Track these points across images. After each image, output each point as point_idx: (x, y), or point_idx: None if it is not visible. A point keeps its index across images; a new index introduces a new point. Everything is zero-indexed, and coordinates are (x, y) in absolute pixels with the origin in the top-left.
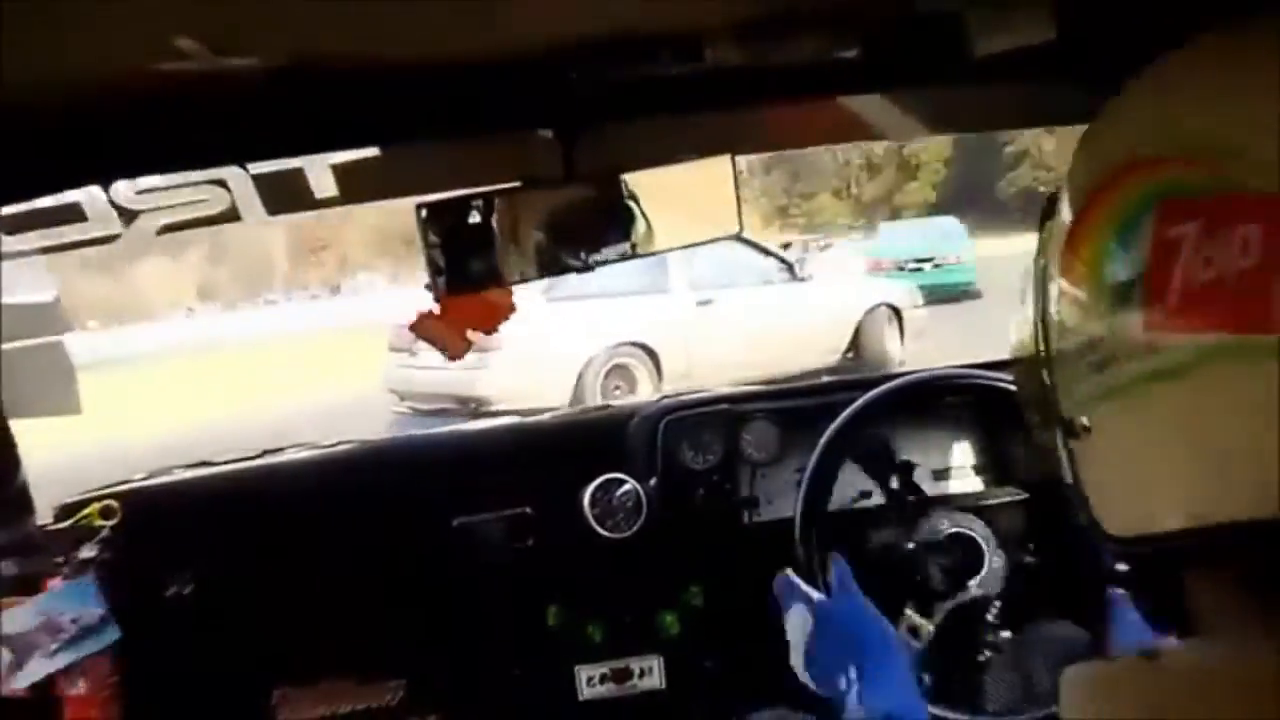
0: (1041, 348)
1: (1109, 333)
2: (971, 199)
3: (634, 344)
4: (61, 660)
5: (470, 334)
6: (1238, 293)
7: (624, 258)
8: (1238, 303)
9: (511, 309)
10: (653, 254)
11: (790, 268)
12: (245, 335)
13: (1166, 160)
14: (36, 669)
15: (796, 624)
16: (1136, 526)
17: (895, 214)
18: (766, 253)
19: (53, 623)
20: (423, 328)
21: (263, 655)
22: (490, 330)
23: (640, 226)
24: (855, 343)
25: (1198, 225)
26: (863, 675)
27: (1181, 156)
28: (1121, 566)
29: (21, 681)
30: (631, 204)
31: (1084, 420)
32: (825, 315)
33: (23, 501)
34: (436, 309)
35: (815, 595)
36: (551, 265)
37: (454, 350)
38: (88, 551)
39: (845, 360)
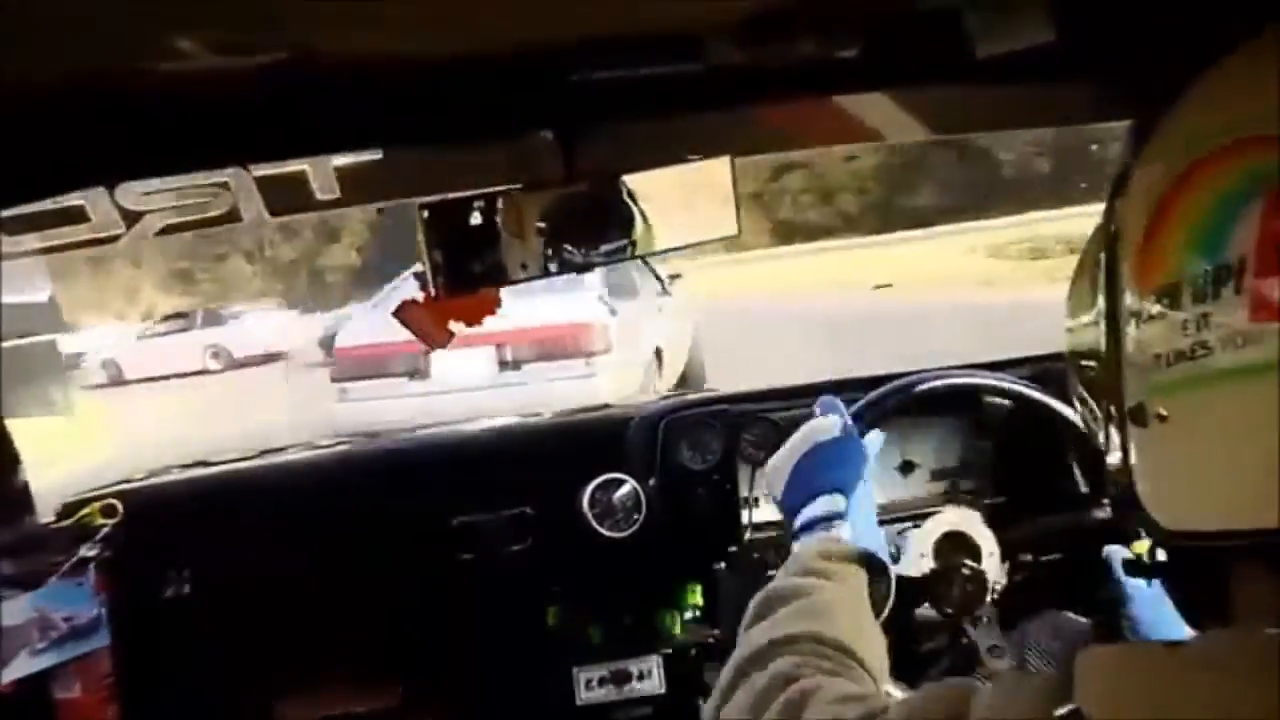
0: (1111, 334)
1: (1200, 320)
2: (402, 266)
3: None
4: (46, 660)
5: (453, 324)
6: None
7: (625, 257)
8: None
9: (497, 303)
10: (652, 254)
11: (663, 284)
12: None
13: (1270, 141)
14: (22, 666)
15: (818, 429)
16: (1199, 520)
17: (317, 277)
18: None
19: (46, 619)
20: (408, 314)
21: (262, 655)
22: (474, 323)
23: (639, 226)
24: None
25: None
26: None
27: None
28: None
29: (4, 677)
30: (630, 204)
31: (1160, 409)
32: (680, 332)
33: (23, 500)
34: (420, 297)
35: (848, 422)
36: (552, 265)
37: (436, 340)
38: (88, 550)
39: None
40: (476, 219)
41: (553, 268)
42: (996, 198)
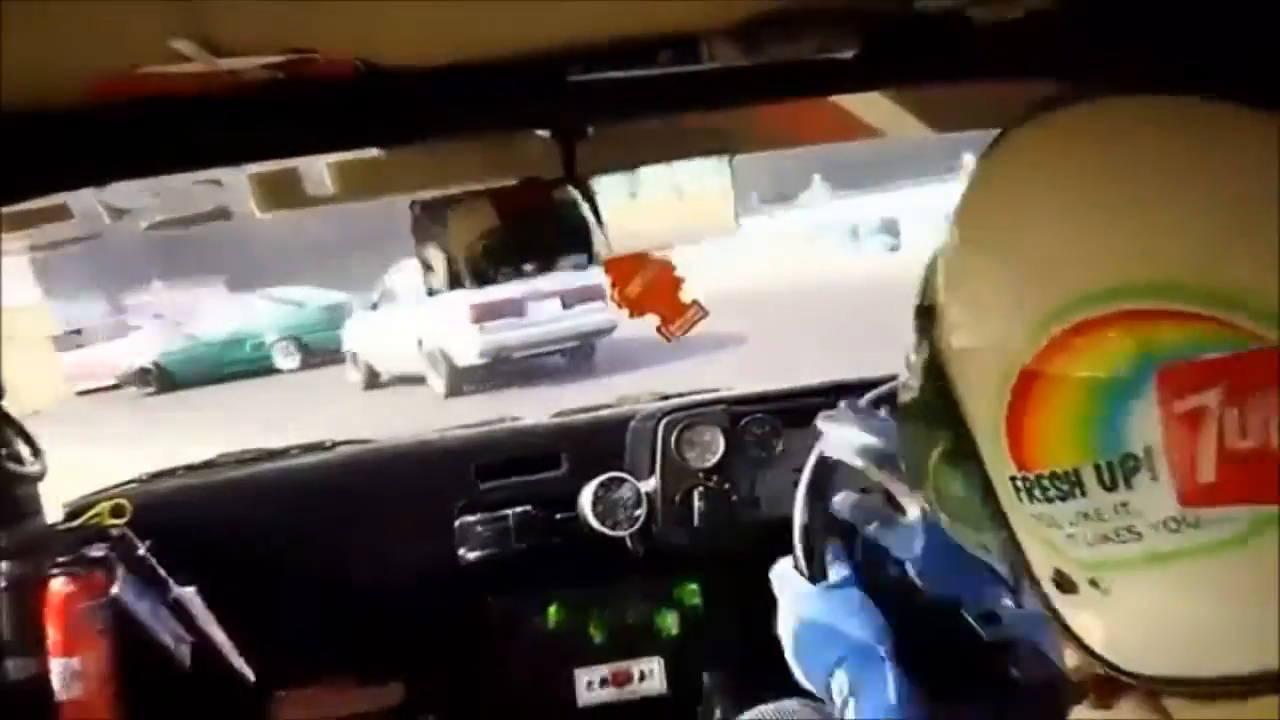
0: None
1: (1119, 506)
2: None
3: None
4: None
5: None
6: None
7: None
8: None
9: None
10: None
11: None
12: None
13: (1141, 315)
14: None
15: (786, 616)
16: (1153, 669)
17: None
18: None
19: None
20: (641, 302)
21: (263, 655)
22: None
23: (638, 225)
24: None
25: (1218, 392)
26: (853, 685)
27: (1164, 308)
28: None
29: None
30: (630, 203)
31: (1095, 583)
32: None
33: (30, 500)
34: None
35: (805, 586)
36: (550, 263)
37: (676, 313)
38: (97, 550)
39: None
40: (471, 216)
41: (551, 265)
42: None
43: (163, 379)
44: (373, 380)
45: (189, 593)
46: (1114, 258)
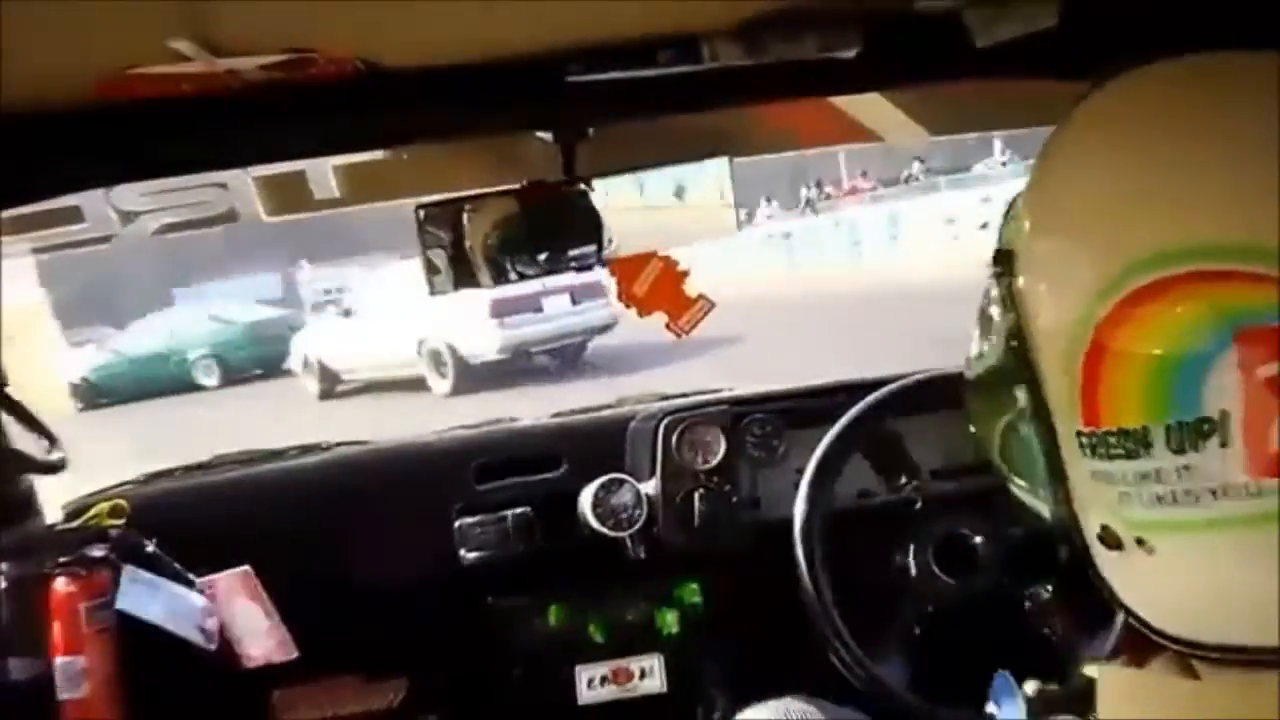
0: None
1: (1182, 470)
2: None
3: None
4: None
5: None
6: None
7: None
8: None
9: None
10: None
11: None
12: None
13: (1218, 275)
14: None
15: None
16: (1191, 632)
17: None
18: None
19: None
20: (648, 301)
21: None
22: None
23: (638, 227)
24: None
25: None
26: None
27: (1237, 269)
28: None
29: None
30: (630, 205)
31: (1145, 542)
32: None
33: (29, 500)
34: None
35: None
36: (554, 264)
37: (683, 307)
38: (98, 550)
39: None
40: (475, 219)
41: (555, 267)
42: None
43: (89, 395)
44: (329, 389)
45: (213, 578)
46: (1184, 218)
